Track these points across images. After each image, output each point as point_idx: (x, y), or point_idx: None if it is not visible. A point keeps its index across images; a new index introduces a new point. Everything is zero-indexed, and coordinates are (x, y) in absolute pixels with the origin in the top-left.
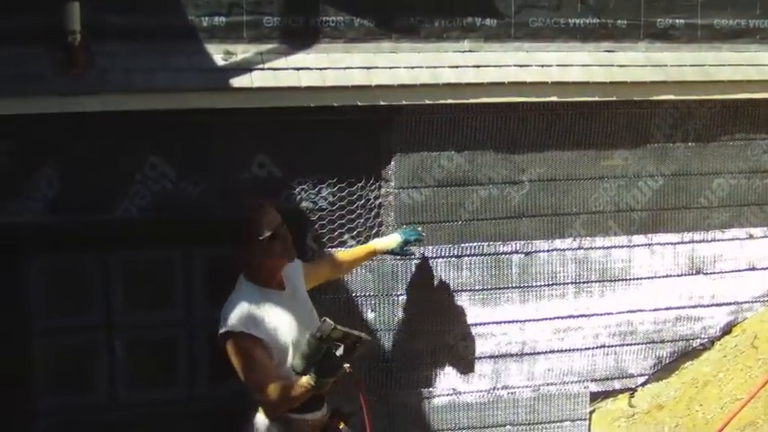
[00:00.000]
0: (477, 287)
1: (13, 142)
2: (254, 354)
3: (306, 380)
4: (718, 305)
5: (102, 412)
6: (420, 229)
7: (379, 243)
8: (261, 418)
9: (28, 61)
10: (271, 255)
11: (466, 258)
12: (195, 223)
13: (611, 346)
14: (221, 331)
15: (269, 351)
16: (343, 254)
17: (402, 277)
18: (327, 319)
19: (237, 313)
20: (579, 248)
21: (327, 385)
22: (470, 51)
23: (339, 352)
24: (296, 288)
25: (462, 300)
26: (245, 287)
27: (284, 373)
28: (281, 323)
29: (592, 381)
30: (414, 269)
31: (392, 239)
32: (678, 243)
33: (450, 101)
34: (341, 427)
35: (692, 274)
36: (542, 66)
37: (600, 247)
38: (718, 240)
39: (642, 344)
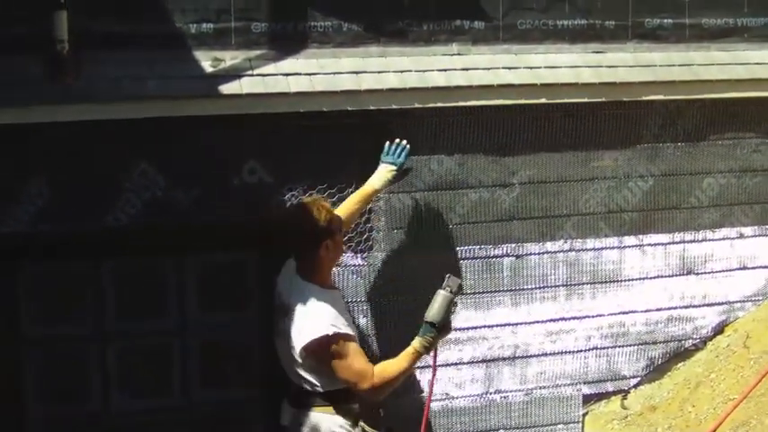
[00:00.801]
0: (468, 291)
1: (1, 151)
2: (352, 348)
3: (419, 342)
4: (709, 305)
5: (94, 421)
6: (398, 141)
7: (376, 182)
8: (325, 418)
9: (16, 70)
10: (342, 249)
11: (467, 261)
12: (186, 230)
13: (604, 348)
14: (316, 336)
15: (355, 343)
16: (343, 210)
17: (393, 282)
18: (451, 275)
19: (326, 316)
20: (570, 250)
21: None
22: (459, 54)
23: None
24: None
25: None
26: (314, 290)
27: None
28: (348, 320)
29: (584, 383)
30: (404, 274)
31: (385, 171)
32: (669, 243)
33: (439, 104)
34: None
35: (684, 275)
36: (531, 68)
37: (591, 249)
38: (709, 240)
39: (634, 345)
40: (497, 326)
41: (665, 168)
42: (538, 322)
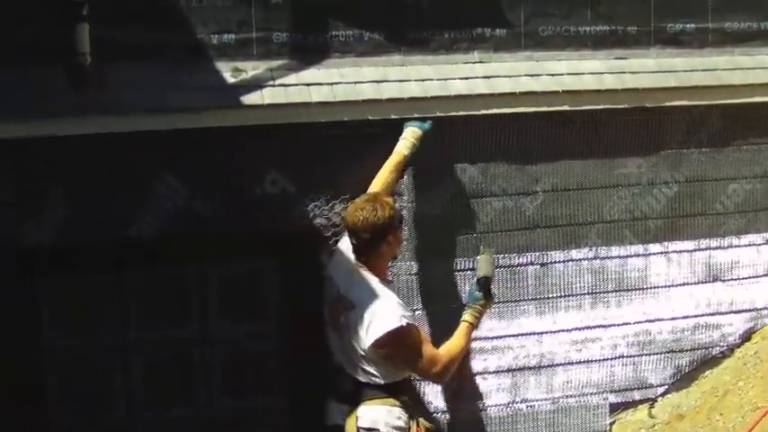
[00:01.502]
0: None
1: (26, 163)
2: (421, 338)
3: (469, 314)
4: (736, 312)
5: (116, 431)
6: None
7: (404, 149)
8: (383, 410)
9: (39, 82)
10: (401, 242)
11: None
12: (208, 241)
13: (630, 357)
14: (390, 329)
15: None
16: (378, 184)
17: (417, 292)
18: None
19: (395, 308)
20: (595, 258)
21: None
22: (480, 62)
23: None
24: None
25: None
26: (377, 283)
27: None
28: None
29: (611, 392)
30: (429, 284)
31: (411, 136)
32: (694, 250)
33: (461, 113)
34: None
35: (710, 282)
36: (553, 75)
37: (616, 257)
38: (735, 246)
39: (661, 353)
40: (522, 335)
41: (689, 174)
42: (563, 331)
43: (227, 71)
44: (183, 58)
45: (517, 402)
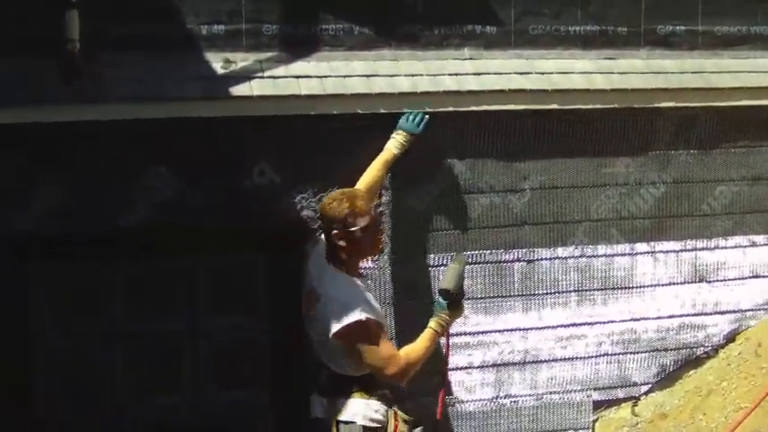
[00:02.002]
0: (478, 295)
1: (14, 152)
2: (381, 335)
3: (434, 321)
4: (721, 313)
5: (105, 422)
6: (417, 111)
7: (394, 148)
8: (362, 403)
9: (30, 71)
10: (366, 246)
11: (467, 267)
12: (197, 231)
13: (615, 355)
14: (350, 322)
15: (385, 331)
16: (365, 182)
17: (403, 286)
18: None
19: (357, 302)
20: (581, 256)
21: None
22: (471, 59)
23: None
24: None
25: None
26: (343, 278)
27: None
28: (376, 306)
29: (595, 389)
30: (414, 278)
31: (403, 138)
32: (681, 251)
33: (450, 108)
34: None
35: (695, 282)
36: (543, 73)
37: (602, 255)
38: (721, 248)
39: (645, 352)
40: (508, 331)
41: (677, 175)
42: (548, 328)
43: (217, 62)
44: (173, 48)
45: (501, 398)
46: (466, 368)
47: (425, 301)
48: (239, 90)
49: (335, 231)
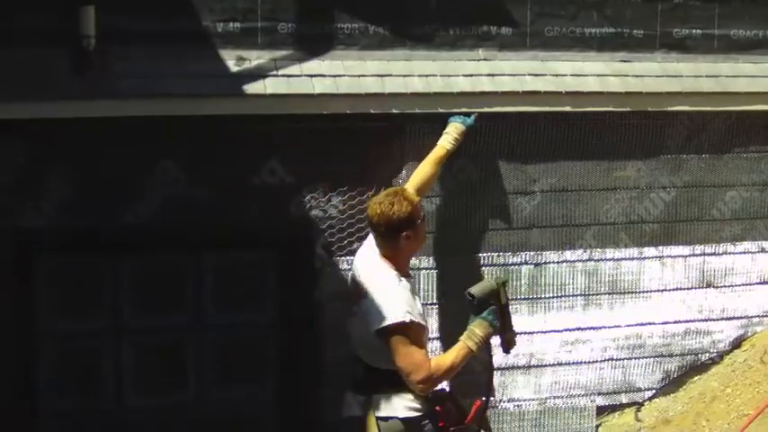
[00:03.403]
0: None
1: (26, 145)
2: (421, 339)
3: (465, 334)
4: (727, 319)
5: (109, 416)
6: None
7: (447, 143)
8: (400, 398)
9: (43, 65)
10: (423, 239)
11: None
12: (205, 228)
13: (619, 360)
14: (393, 321)
15: (426, 335)
16: (419, 176)
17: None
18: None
19: (403, 303)
20: (589, 260)
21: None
22: (485, 60)
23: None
24: None
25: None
26: (394, 276)
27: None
28: (421, 310)
29: (599, 394)
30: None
31: (455, 131)
32: (689, 256)
33: (464, 109)
34: None
35: (703, 288)
36: (557, 75)
37: (610, 259)
38: (730, 253)
39: (650, 357)
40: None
41: (688, 180)
42: (554, 331)
43: (231, 59)
44: (188, 44)
45: (504, 401)
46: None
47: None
48: (253, 88)
49: (406, 233)
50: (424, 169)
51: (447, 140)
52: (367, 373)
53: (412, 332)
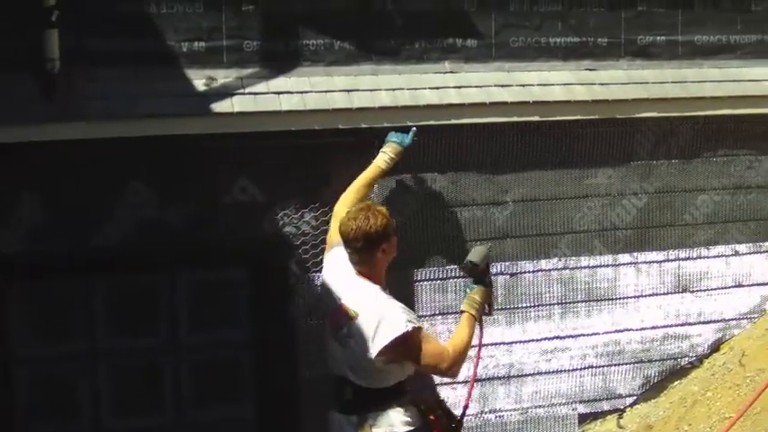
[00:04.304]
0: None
1: None
2: (427, 338)
3: (465, 304)
4: (705, 323)
5: None
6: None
7: (382, 163)
8: (396, 413)
9: (8, 89)
10: (395, 251)
11: (451, 281)
12: (178, 249)
13: (599, 367)
14: (396, 336)
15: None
16: (352, 194)
17: None
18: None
19: (404, 312)
20: (565, 268)
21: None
22: (451, 72)
23: None
24: None
25: (448, 323)
26: (377, 290)
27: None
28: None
29: (580, 402)
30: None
31: (391, 151)
32: (664, 261)
33: (432, 122)
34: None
35: (679, 292)
36: (524, 85)
37: (585, 267)
38: (704, 257)
39: (630, 363)
40: (492, 344)
41: (659, 185)
42: (533, 341)
43: (198, 79)
44: (154, 64)
45: (486, 413)
46: (450, 384)
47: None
48: (220, 107)
49: (383, 246)
50: (359, 189)
51: (383, 159)
52: (357, 394)
53: (421, 333)
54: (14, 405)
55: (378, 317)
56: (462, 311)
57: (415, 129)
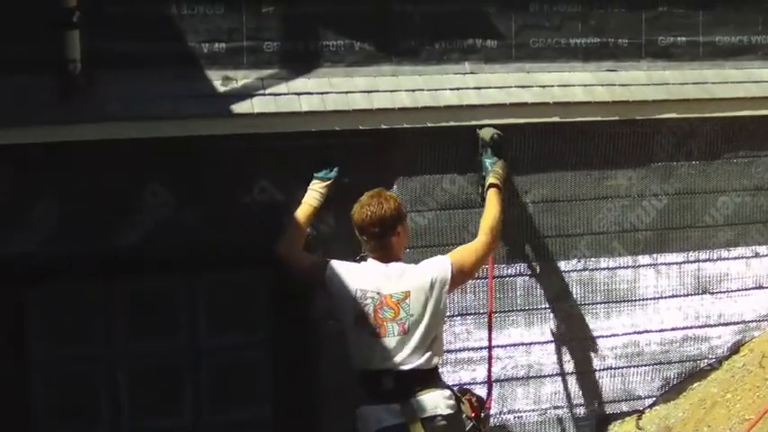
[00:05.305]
0: (481, 310)
1: (13, 172)
2: (463, 248)
3: (491, 177)
4: (725, 324)
5: None
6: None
7: (312, 200)
8: (437, 395)
9: (28, 90)
10: (409, 235)
11: (470, 282)
12: (197, 249)
13: (618, 368)
14: (448, 268)
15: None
16: (296, 235)
17: None
18: None
19: (433, 261)
20: (584, 270)
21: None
22: (471, 73)
23: None
24: None
25: (467, 323)
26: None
27: None
28: None
29: (599, 403)
30: None
31: (319, 188)
32: (683, 262)
33: (451, 123)
34: None
35: (699, 294)
36: (544, 86)
37: (605, 268)
38: (724, 259)
39: (649, 365)
40: (511, 345)
41: (679, 187)
42: (552, 342)
43: (218, 80)
44: (174, 66)
45: (504, 413)
46: (469, 384)
47: None
48: (240, 108)
49: (399, 228)
50: (299, 228)
51: (313, 197)
52: (399, 381)
53: (455, 257)
54: (32, 407)
55: (426, 273)
56: (490, 185)
57: (338, 167)
